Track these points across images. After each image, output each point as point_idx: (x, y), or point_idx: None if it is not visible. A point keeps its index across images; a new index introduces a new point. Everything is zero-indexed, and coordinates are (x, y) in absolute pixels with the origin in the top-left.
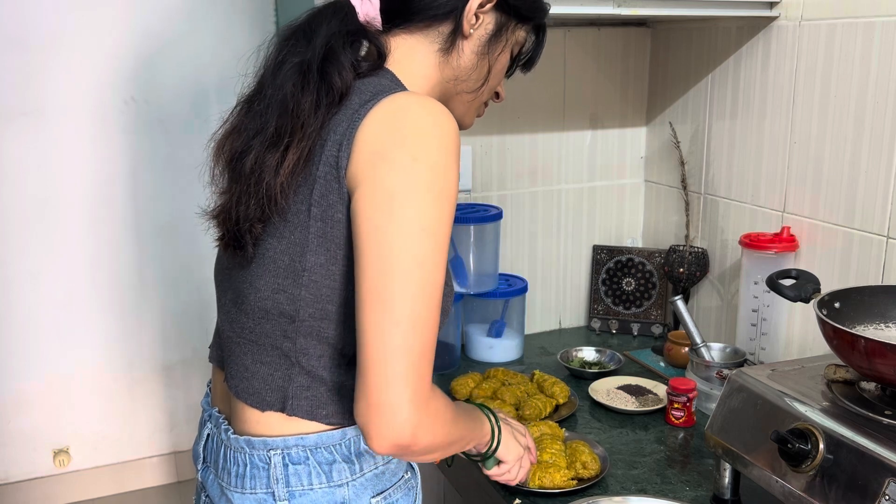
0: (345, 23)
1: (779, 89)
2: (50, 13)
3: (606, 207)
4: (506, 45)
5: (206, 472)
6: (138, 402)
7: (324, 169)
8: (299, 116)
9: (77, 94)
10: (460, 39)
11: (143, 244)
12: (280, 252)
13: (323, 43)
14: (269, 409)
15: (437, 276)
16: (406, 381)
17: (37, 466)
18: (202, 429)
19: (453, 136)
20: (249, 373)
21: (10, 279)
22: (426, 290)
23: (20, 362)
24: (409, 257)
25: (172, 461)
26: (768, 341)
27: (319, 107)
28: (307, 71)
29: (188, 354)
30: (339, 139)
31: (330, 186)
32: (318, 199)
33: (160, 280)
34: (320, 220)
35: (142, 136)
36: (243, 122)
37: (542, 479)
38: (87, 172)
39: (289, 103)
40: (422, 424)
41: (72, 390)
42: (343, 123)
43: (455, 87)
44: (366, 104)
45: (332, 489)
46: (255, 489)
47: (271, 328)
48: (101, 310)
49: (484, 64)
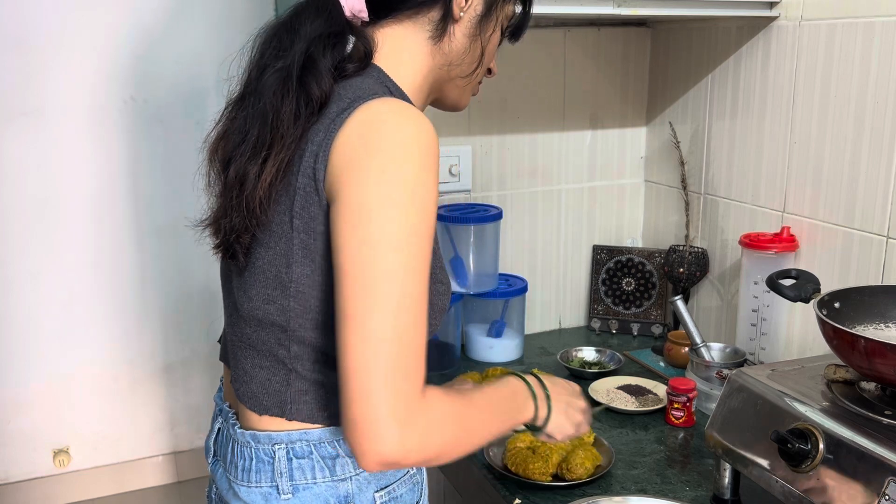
0: (328, 22)
1: (779, 89)
2: (50, 13)
3: (606, 207)
4: (496, 23)
5: (216, 465)
6: (138, 402)
7: (303, 180)
8: (278, 127)
9: (77, 93)
10: (451, 24)
11: (144, 244)
12: (267, 263)
13: (303, 49)
14: (267, 413)
15: (412, 289)
16: (387, 398)
17: (37, 466)
18: (214, 423)
19: (428, 144)
20: (248, 377)
21: (11, 279)
22: (400, 303)
23: (20, 362)
24: (378, 272)
25: (172, 461)
26: (768, 341)
27: (299, 117)
28: (287, 78)
29: (188, 354)
30: (316, 150)
31: (310, 198)
32: (300, 211)
33: (160, 280)
34: (303, 231)
35: (142, 135)
36: (230, 128)
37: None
38: (88, 172)
39: (269, 113)
40: (409, 440)
41: (72, 390)
42: (320, 133)
43: (448, 73)
44: (342, 112)
45: (335, 483)
46: (260, 483)
47: (266, 336)
48: (101, 310)
49: (477, 46)
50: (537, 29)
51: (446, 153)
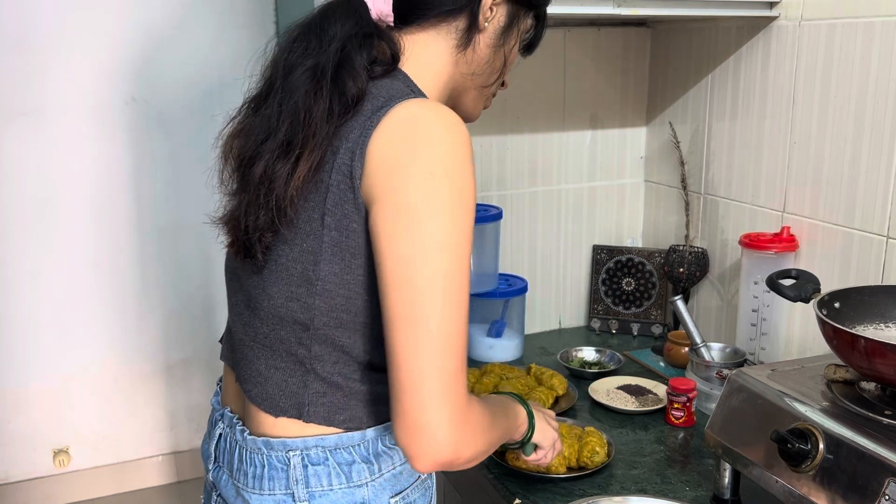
0: (359, 24)
1: (779, 89)
2: (50, 13)
3: (606, 207)
4: (518, 35)
5: (218, 471)
6: (139, 401)
7: (336, 177)
8: (311, 125)
9: (77, 93)
10: (476, 33)
11: (144, 244)
12: (292, 260)
13: (338, 47)
14: (284, 415)
15: (462, 291)
16: (442, 401)
17: (37, 466)
18: (213, 428)
19: (466, 144)
20: (263, 378)
21: (11, 279)
22: (453, 306)
23: (20, 362)
24: (432, 275)
25: (172, 461)
26: (768, 341)
27: (332, 115)
28: (321, 77)
29: (189, 354)
30: (352, 147)
31: (344, 196)
32: (332, 208)
33: (161, 280)
34: (335, 229)
35: (142, 135)
36: (251, 124)
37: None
38: (88, 172)
39: (300, 111)
40: (462, 441)
41: (72, 390)
42: (355, 131)
43: (470, 82)
44: (378, 111)
45: (351, 489)
46: (273, 490)
47: (286, 335)
48: (101, 309)
49: (499, 56)
50: None
51: None
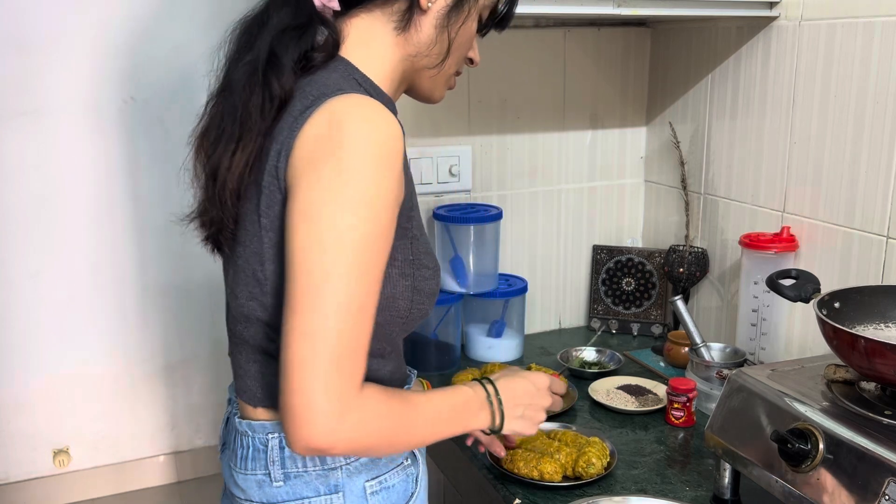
0: (295, 14)
1: (779, 89)
2: (49, 13)
3: (606, 207)
4: (468, 15)
5: (224, 452)
6: (139, 401)
7: (268, 179)
8: (246, 120)
9: (76, 93)
10: (418, 15)
11: (144, 244)
12: (245, 261)
13: (266, 44)
14: (261, 405)
15: (357, 290)
16: (318, 391)
17: (37, 466)
18: (226, 413)
19: (387, 142)
20: (243, 370)
21: (10, 279)
22: (343, 304)
23: (20, 362)
24: (324, 272)
25: (173, 461)
26: (768, 341)
27: (264, 110)
28: (254, 72)
29: (189, 354)
30: (279, 148)
31: (273, 197)
32: (266, 210)
33: (161, 280)
34: (271, 230)
35: (142, 135)
36: (210, 123)
37: (534, 469)
38: (87, 172)
39: (238, 107)
40: (338, 432)
41: (72, 390)
42: (284, 132)
43: (416, 64)
44: (306, 110)
45: (325, 472)
46: (255, 470)
47: (255, 331)
48: (101, 309)
49: (444, 38)
50: (537, 29)
51: (446, 153)
